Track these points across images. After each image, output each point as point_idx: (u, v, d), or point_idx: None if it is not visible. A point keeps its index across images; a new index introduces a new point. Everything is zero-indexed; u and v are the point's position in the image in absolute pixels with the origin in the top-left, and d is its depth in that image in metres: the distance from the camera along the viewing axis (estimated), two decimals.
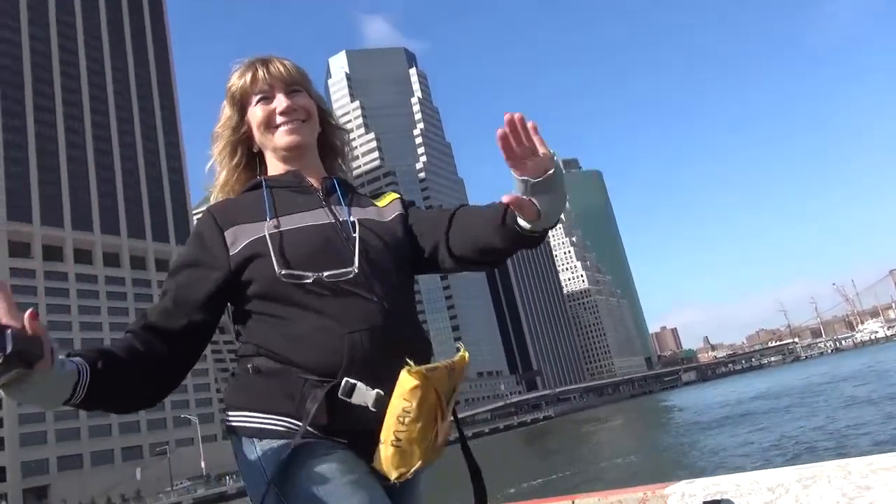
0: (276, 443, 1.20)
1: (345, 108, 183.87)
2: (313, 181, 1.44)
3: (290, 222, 1.34)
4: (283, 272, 1.24)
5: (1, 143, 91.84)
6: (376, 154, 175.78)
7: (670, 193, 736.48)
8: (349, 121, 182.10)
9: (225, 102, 1.49)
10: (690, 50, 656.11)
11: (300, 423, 1.18)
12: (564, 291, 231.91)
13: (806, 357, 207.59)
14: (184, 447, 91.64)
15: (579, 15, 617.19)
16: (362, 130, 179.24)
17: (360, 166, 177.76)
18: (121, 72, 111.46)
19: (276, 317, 1.27)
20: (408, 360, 1.16)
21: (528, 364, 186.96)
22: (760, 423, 30.49)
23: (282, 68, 1.46)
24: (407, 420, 1.13)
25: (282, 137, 1.43)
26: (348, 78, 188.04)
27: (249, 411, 1.24)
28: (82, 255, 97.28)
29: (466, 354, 1.27)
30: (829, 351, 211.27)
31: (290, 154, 1.45)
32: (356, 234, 1.34)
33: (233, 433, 1.26)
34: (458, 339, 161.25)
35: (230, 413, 1.27)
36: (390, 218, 1.45)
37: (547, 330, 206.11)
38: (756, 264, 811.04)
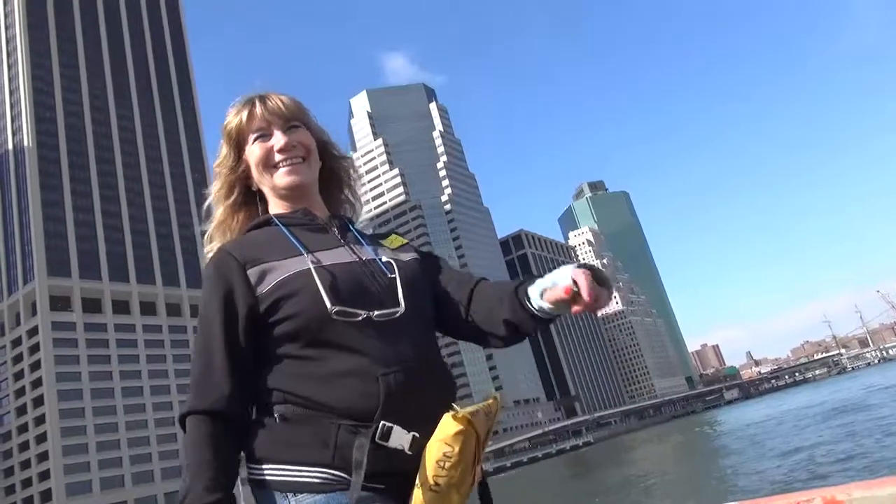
0: (313, 498, 1.15)
1: (368, 146, 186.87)
2: (323, 219, 1.41)
3: (321, 259, 1.29)
4: (335, 308, 1.20)
5: (39, 203, 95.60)
6: (401, 189, 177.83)
7: (702, 210, 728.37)
8: (373, 158, 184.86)
9: (222, 140, 1.46)
10: (715, 63, 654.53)
11: (337, 473, 1.15)
12: (598, 314, 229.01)
13: (852, 368, 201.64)
14: None
15: (600, 40, 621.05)
16: (386, 167, 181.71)
17: (385, 202, 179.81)
18: (150, 126, 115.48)
19: (306, 358, 1.22)
20: (454, 404, 1.14)
21: (566, 390, 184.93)
22: (783, 445, 30.19)
23: (280, 104, 1.41)
24: (447, 465, 1.09)
25: (281, 178, 1.39)
26: (370, 116, 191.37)
27: (280, 463, 1.18)
28: (120, 306, 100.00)
29: (499, 395, 1.22)
30: (876, 361, 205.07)
31: (291, 194, 1.41)
32: (395, 275, 1.31)
33: (260, 487, 1.20)
34: (492, 367, 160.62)
35: (256, 466, 1.21)
36: (408, 259, 1.41)
37: (583, 354, 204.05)
38: (798, 275, 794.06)
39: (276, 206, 1.44)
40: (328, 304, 1.20)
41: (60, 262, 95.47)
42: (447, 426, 1.10)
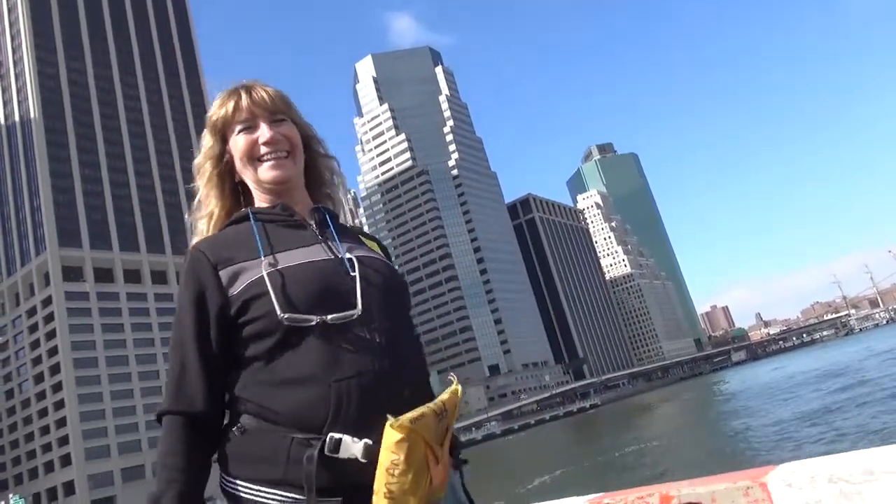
0: None
1: (374, 111, 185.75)
2: (304, 214, 1.40)
3: (288, 259, 1.29)
4: (286, 316, 1.20)
5: (48, 174, 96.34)
6: (408, 155, 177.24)
7: (713, 171, 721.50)
8: (379, 123, 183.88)
9: (206, 131, 1.46)
10: (724, 24, 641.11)
11: (290, 495, 1.16)
12: (607, 277, 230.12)
13: (860, 329, 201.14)
14: None
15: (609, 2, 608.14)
16: (393, 132, 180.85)
17: (392, 168, 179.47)
18: (154, 93, 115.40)
19: (267, 363, 1.23)
20: (389, 413, 1.12)
21: (574, 353, 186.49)
22: (774, 410, 30.86)
23: (265, 96, 1.41)
24: (397, 472, 1.10)
25: (265, 172, 1.39)
26: (375, 81, 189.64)
27: (240, 480, 1.21)
28: (131, 275, 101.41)
29: (459, 388, 1.24)
30: (885, 322, 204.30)
31: (274, 188, 1.41)
32: (356, 273, 1.30)
33: (228, 497, 1.24)
34: (500, 331, 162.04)
35: (224, 477, 1.24)
36: (380, 259, 1.41)
37: (591, 317, 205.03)
38: (810, 235, 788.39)
39: (258, 199, 1.44)
40: (278, 312, 1.20)
41: (71, 232, 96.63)
42: (389, 435, 1.11)
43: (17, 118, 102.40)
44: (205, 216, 1.46)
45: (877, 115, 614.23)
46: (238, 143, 1.41)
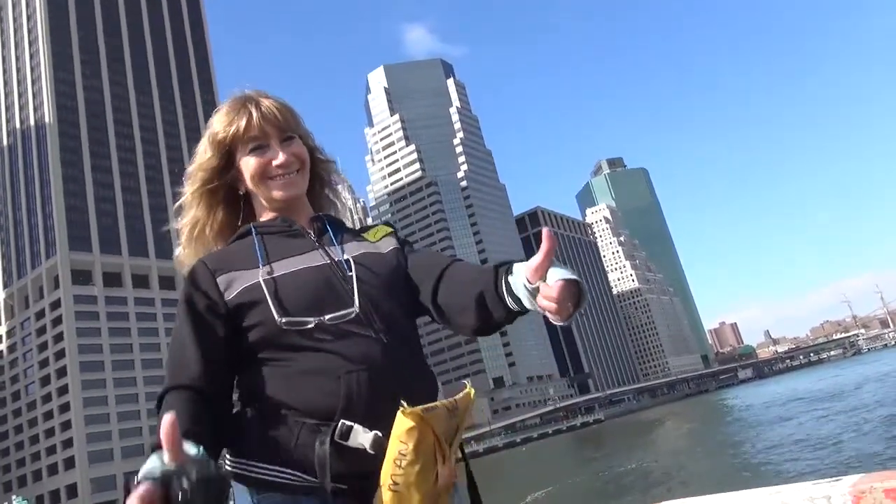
0: (273, 496, 1.19)
1: (385, 121, 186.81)
2: (304, 224, 1.43)
3: (284, 267, 1.32)
4: (283, 320, 1.23)
5: (60, 178, 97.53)
6: (417, 165, 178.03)
7: (725, 189, 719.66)
8: (389, 134, 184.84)
9: (205, 143, 1.44)
10: (735, 41, 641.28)
11: (298, 474, 1.18)
12: (614, 292, 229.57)
13: (868, 349, 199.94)
14: None
15: (619, 12, 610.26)
16: (403, 143, 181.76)
17: (401, 178, 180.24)
18: (168, 100, 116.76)
19: (273, 361, 1.26)
20: (403, 401, 1.12)
21: (580, 367, 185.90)
22: (775, 432, 30.94)
23: (275, 112, 1.41)
24: (404, 463, 1.10)
25: (278, 191, 1.41)
26: (387, 92, 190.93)
27: (247, 459, 1.23)
28: (140, 280, 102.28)
29: (472, 392, 1.24)
30: (893, 343, 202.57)
31: (284, 205, 1.44)
32: (352, 273, 1.33)
33: (234, 480, 1.24)
34: (506, 343, 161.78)
35: (230, 458, 1.26)
36: (387, 251, 1.44)
37: (597, 332, 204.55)
38: (822, 255, 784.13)
39: (263, 212, 1.46)
40: (276, 317, 1.23)
41: (81, 237, 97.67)
42: (399, 423, 1.11)
43: (32, 123, 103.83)
44: (193, 222, 1.46)
45: (890, 130, 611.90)
46: (250, 163, 1.41)
